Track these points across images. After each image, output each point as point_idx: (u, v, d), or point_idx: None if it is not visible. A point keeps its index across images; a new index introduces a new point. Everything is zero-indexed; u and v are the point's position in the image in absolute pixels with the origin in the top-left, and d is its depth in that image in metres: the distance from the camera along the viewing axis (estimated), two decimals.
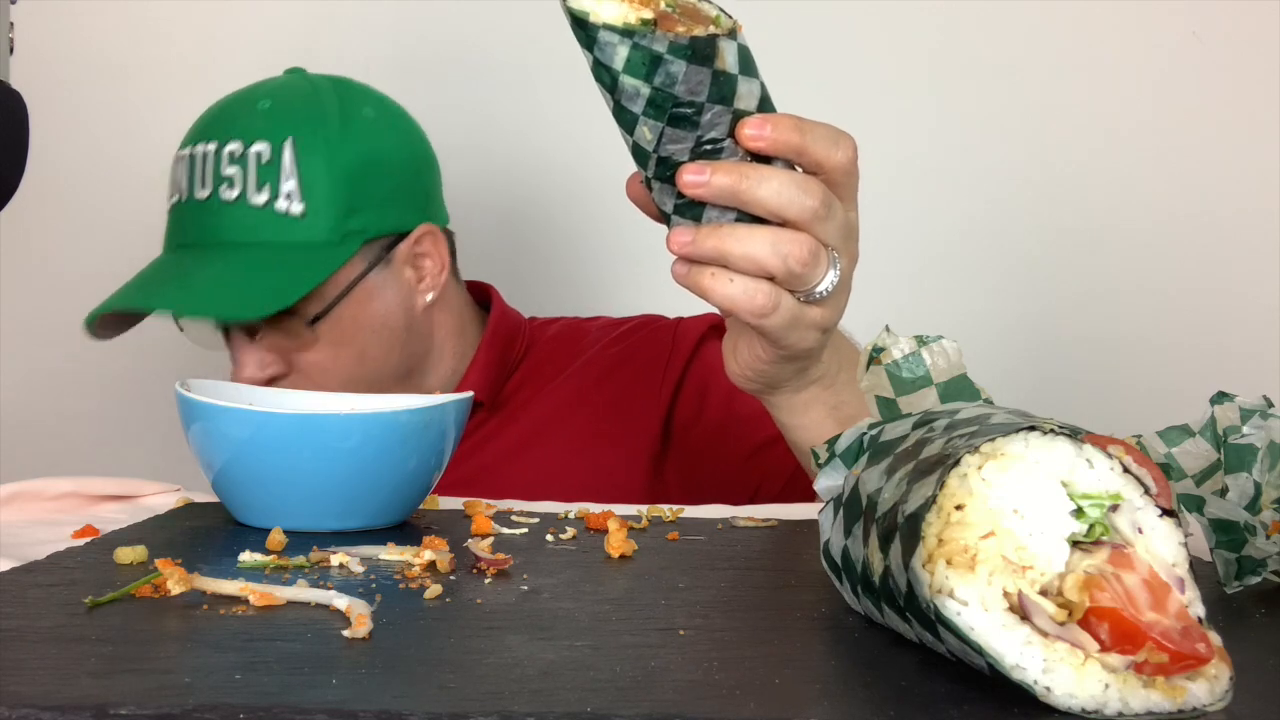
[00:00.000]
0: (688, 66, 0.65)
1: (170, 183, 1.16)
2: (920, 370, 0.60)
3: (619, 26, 0.64)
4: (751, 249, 0.66)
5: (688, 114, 0.66)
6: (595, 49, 0.65)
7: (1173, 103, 1.46)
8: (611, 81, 0.65)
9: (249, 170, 1.11)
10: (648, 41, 0.64)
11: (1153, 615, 0.42)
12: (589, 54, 0.65)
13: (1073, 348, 1.47)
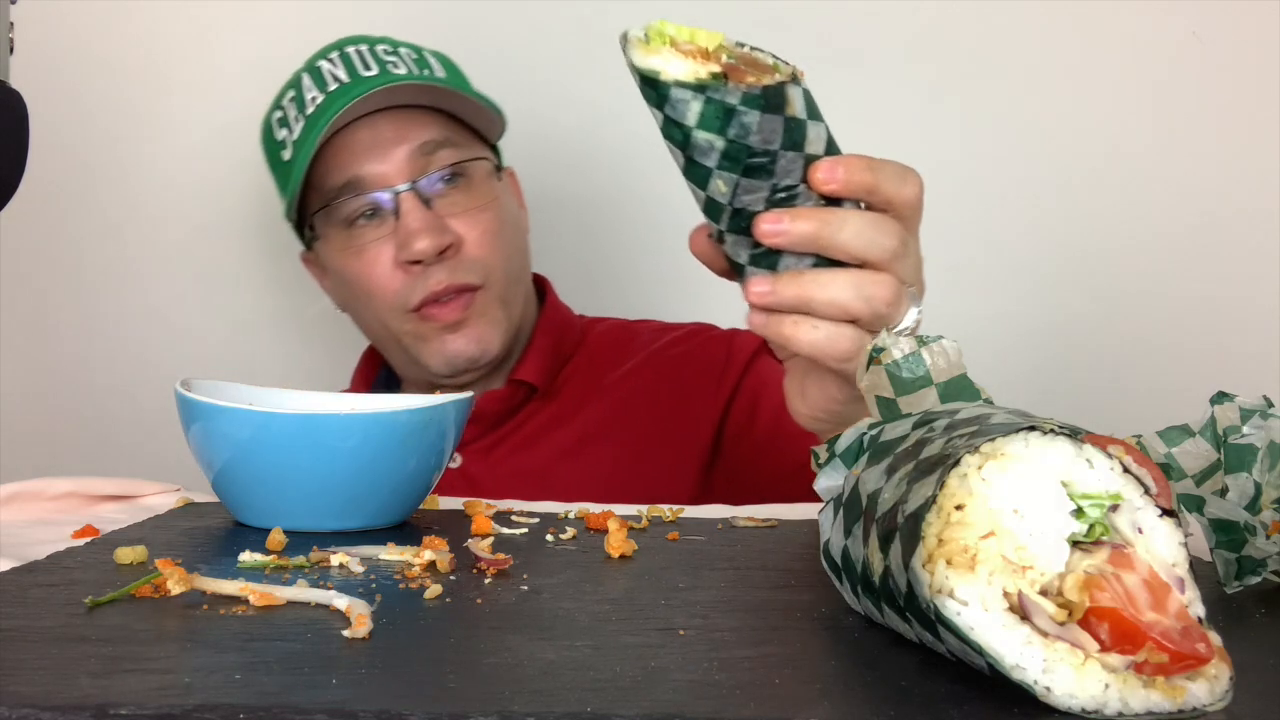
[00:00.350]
0: (761, 116, 0.65)
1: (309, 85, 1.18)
2: (920, 370, 0.60)
3: (690, 83, 0.64)
4: (836, 294, 0.67)
5: (763, 163, 0.66)
6: (667, 107, 0.65)
7: (1172, 103, 1.46)
8: (684, 138, 0.65)
9: (404, 57, 1.18)
10: (720, 95, 0.64)
11: (1153, 615, 0.42)
12: (659, 112, 0.66)
13: (1073, 348, 1.47)
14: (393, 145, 1.13)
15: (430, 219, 1.12)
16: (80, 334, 1.51)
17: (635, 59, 0.65)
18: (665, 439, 1.16)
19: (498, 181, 1.19)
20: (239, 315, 1.51)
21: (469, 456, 1.19)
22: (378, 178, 1.13)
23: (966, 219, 1.48)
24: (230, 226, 1.51)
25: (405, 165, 1.13)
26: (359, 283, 1.15)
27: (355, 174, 1.13)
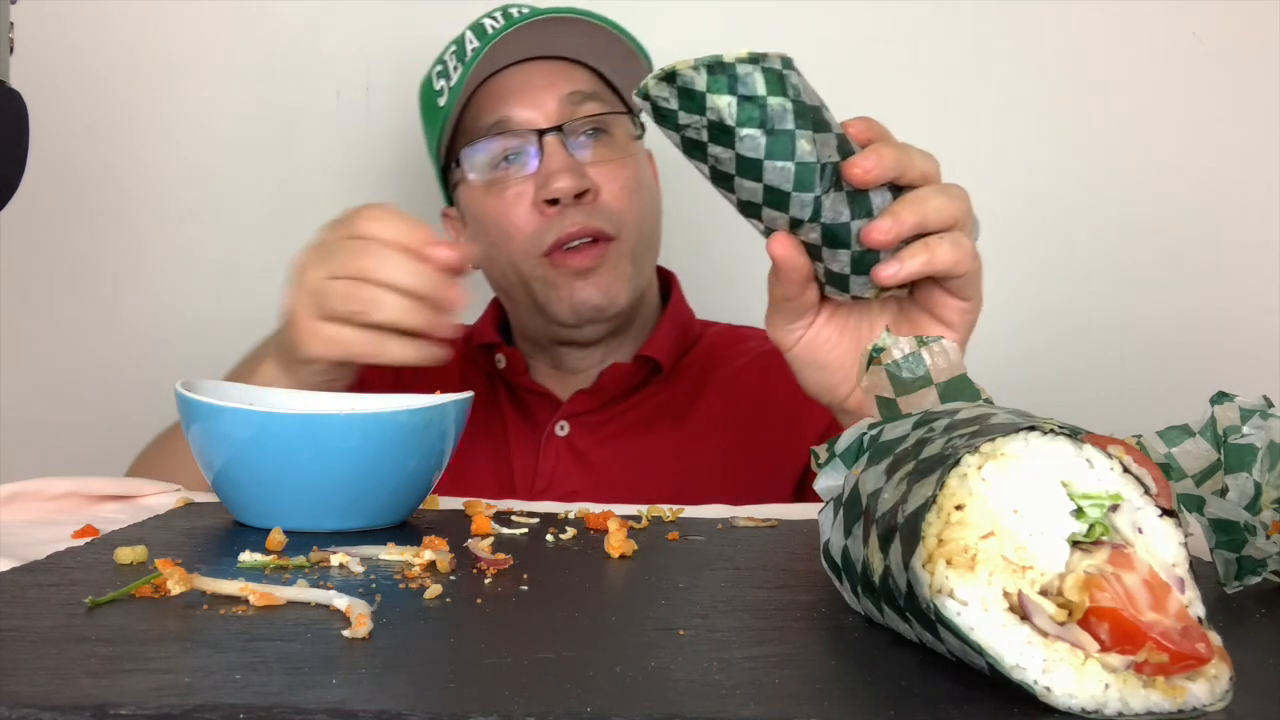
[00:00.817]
0: (797, 74, 0.72)
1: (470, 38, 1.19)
2: (920, 370, 0.60)
3: (745, 57, 0.70)
4: (939, 201, 0.76)
5: (823, 114, 0.73)
6: (740, 87, 0.70)
7: (1172, 104, 1.46)
8: (761, 112, 0.70)
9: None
10: (766, 63, 0.70)
11: (1153, 615, 0.42)
12: (730, 97, 0.70)
13: (1072, 348, 1.47)
14: (542, 91, 1.15)
15: (571, 162, 1.13)
16: (80, 334, 1.51)
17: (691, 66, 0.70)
18: (770, 441, 1.17)
19: (637, 142, 1.20)
20: (240, 315, 1.50)
21: (578, 428, 1.19)
22: (525, 121, 1.15)
23: None
24: (231, 226, 1.51)
25: (553, 111, 1.15)
26: (497, 223, 1.16)
27: (504, 115, 1.15)
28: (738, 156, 0.71)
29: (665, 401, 1.20)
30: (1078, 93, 1.47)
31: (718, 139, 0.71)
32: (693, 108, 0.70)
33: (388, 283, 0.87)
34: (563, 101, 1.15)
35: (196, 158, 1.50)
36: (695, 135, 0.72)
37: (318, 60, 1.50)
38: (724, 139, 0.71)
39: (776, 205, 0.73)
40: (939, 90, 1.48)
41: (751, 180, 0.72)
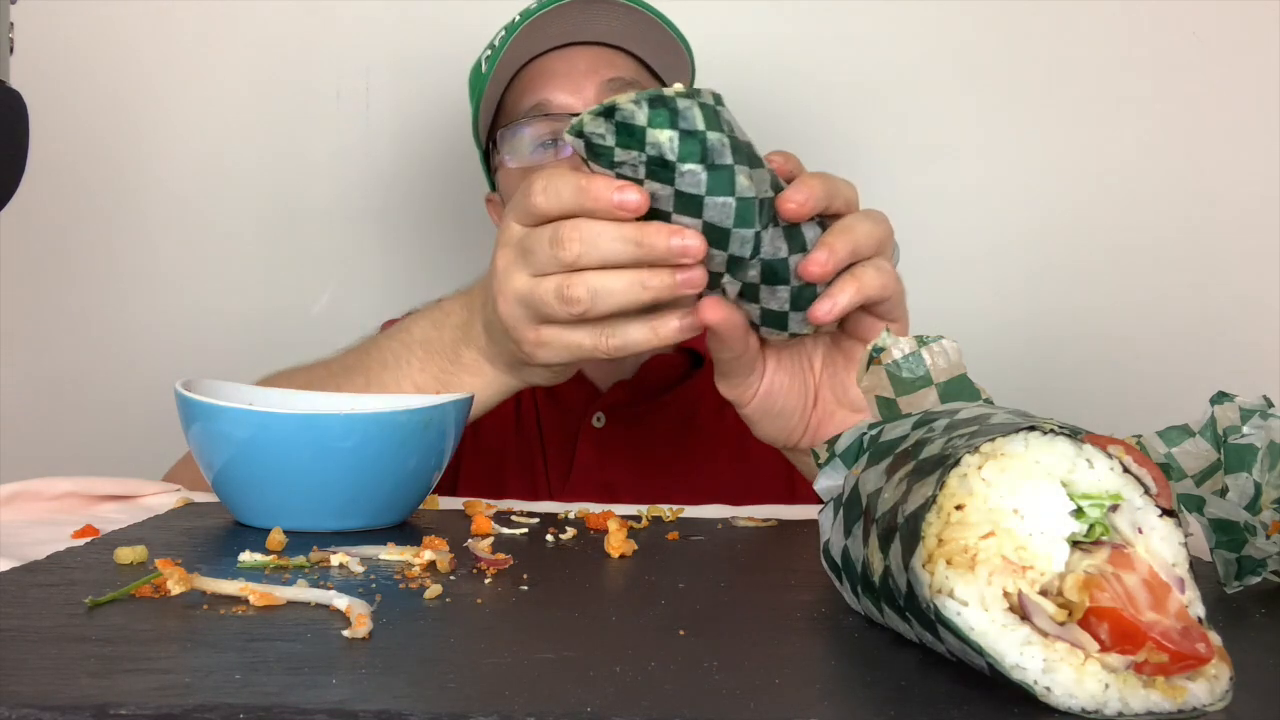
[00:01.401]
0: (726, 110, 0.71)
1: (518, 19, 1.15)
2: (920, 370, 0.60)
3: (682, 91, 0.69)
4: (865, 227, 0.75)
5: (754, 149, 0.71)
6: (680, 121, 0.69)
7: (1172, 103, 1.46)
8: (701, 147, 0.69)
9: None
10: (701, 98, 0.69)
11: (1153, 615, 0.42)
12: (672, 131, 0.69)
13: (1073, 348, 1.47)
14: (584, 77, 1.13)
15: None
16: (80, 334, 1.51)
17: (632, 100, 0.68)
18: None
19: None
20: (239, 315, 1.51)
21: (614, 420, 1.18)
22: (566, 105, 1.13)
23: (964, 218, 1.48)
24: (231, 225, 1.51)
25: (593, 97, 1.12)
26: None
27: (543, 98, 1.13)
28: (677, 193, 0.69)
29: (703, 395, 1.18)
30: (1076, 92, 1.47)
31: (656, 175, 0.69)
32: (631, 143, 0.69)
33: (599, 264, 0.76)
34: (603, 87, 1.13)
35: (196, 157, 1.50)
36: (631, 173, 0.70)
37: (318, 60, 1.50)
38: (663, 175, 0.69)
39: (717, 243, 0.70)
40: (939, 91, 1.48)
41: (690, 217, 0.70)
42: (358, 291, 1.49)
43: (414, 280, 1.44)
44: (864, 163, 1.48)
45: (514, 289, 0.79)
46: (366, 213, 1.51)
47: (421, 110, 1.49)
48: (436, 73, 1.46)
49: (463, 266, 1.38)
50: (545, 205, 0.76)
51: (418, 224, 1.52)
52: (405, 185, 1.51)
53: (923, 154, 1.48)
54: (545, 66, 1.15)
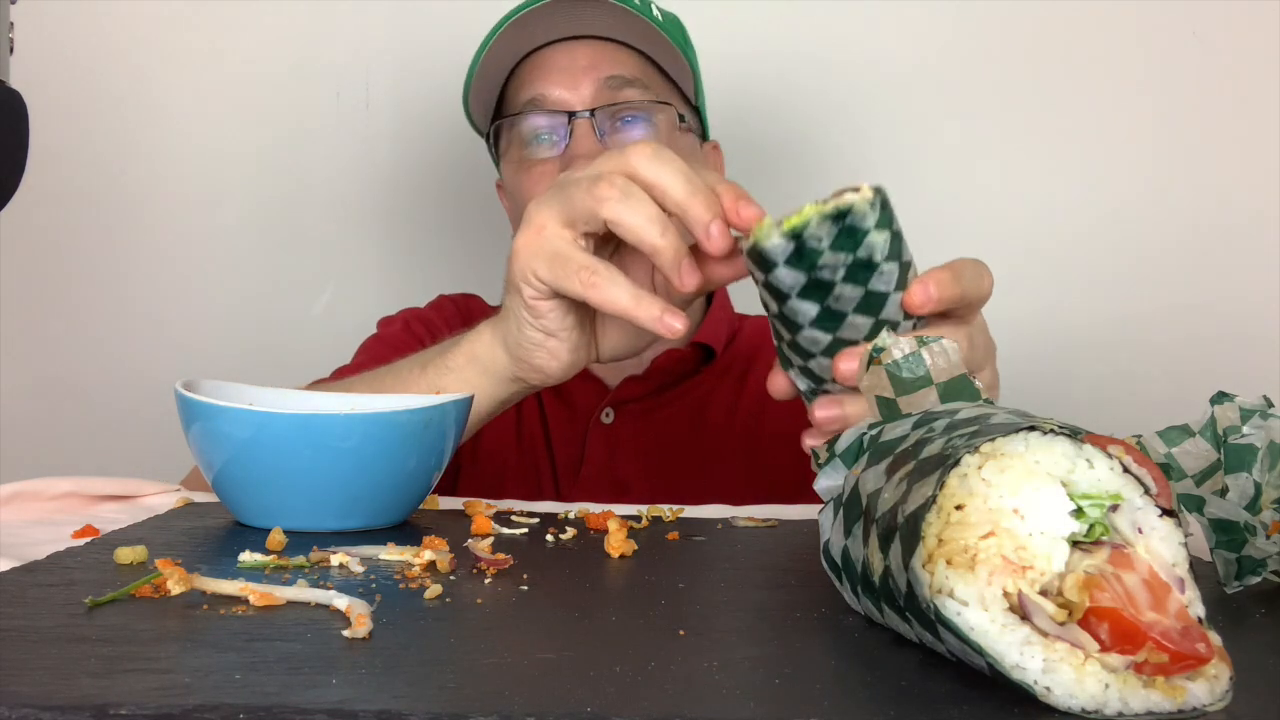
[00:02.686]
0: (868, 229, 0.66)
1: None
2: (920, 370, 0.60)
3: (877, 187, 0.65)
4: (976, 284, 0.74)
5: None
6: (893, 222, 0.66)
7: (1172, 103, 1.46)
8: (900, 244, 0.66)
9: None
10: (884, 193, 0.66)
11: (1153, 615, 0.42)
12: (888, 232, 0.65)
13: (1072, 348, 1.47)
14: (583, 73, 1.12)
15: (597, 149, 1.07)
16: (80, 334, 1.51)
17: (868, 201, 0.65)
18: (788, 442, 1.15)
19: (680, 135, 1.14)
20: (239, 315, 1.51)
21: (624, 416, 1.16)
22: (560, 101, 1.12)
23: (963, 219, 1.48)
24: (231, 225, 1.51)
25: (590, 94, 1.11)
26: (523, 196, 1.12)
27: (540, 92, 1.12)
28: (867, 293, 0.66)
29: (713, 390, 1.17)
30: (1076, 92, 1.47)
31: (854, 277, 0.65)
32: (848, 245, 0.64)
33: (654, 183, 0.74)
34: (601, 85, 1.11)
35: (196, 158, 1.50)
36: (829, 275, 0.65)
37: (318, 61, 1.50)
38: (862, 276, 0.65)
39: (871, 336, 0.67)
40: (937, 91, 1.48)
41: (865, 315, 0.66)
42: (358, 291, 1.49)
43: (414, 280, 1.44)
44: (863, 163, 1.48)
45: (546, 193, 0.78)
46: (366, 213, 1.51)
47: (421, 110, 1.49)
48: (436, 73, 1.46)
49: (463, 266, 1.38)
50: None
51: (418, 224, 1.52)
52: (405, 185, 1.52)
53: (922, 156, 1.48)
54: (546, 59, 1.14)
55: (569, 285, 0.76)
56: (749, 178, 0.77)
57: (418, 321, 1.23)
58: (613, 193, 0.74)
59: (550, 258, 0.76)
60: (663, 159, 0.74)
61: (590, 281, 0.75)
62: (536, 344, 0.81)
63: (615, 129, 1.11)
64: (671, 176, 0.73)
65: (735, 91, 1.40)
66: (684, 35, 1.19)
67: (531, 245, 0.77)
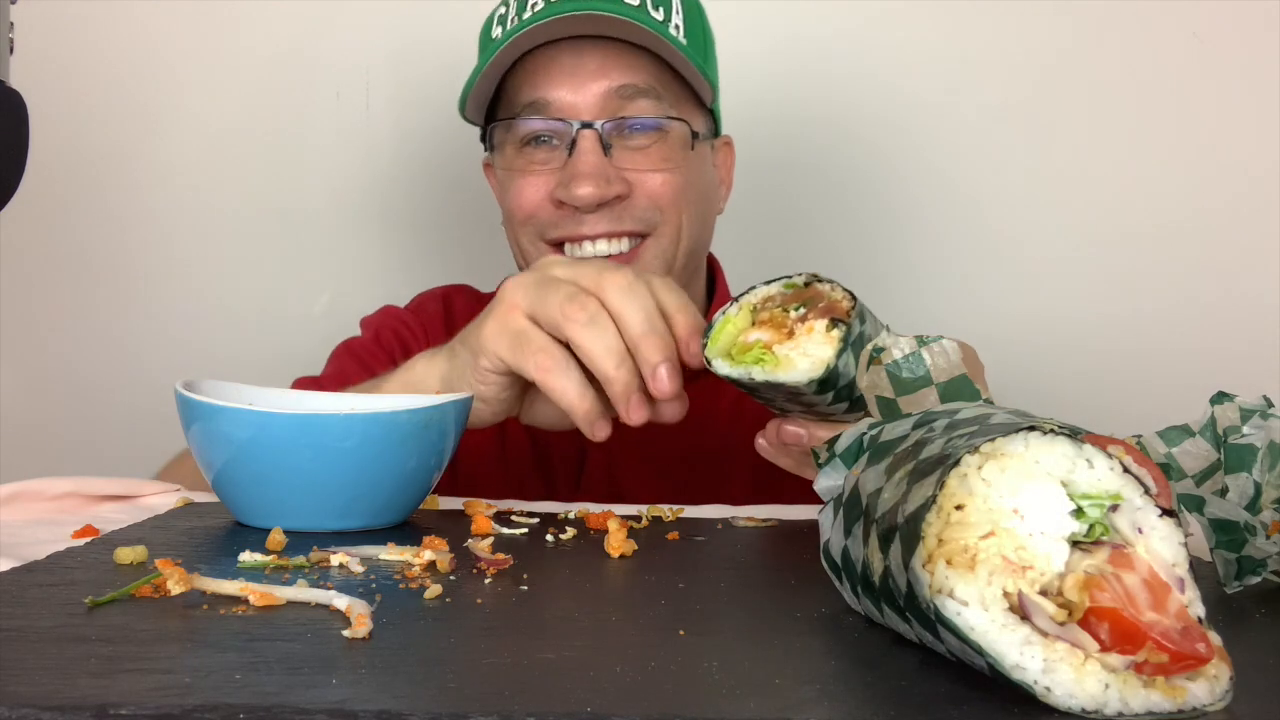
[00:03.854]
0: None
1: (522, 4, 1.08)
2: (920, 370, 0.60)
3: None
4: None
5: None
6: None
7: (1173, 103, 1.46)
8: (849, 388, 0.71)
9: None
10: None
11: (1153, 615, 0.42)
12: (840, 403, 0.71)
13: (1073, 348, 1.47)
14: (591, 78, 1.05)
15: (601, 165, 1.03)
16: (80, 333, 1.51)
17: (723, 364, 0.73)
18: None
19: (690, 150, 1.09)
20: (239, 315, 1.51)
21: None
22: (565, 106, 1.05)
23: (964, 220, 1.48)
24: (231, 225, 1.51)
25: (596, 102, 1.05)
26: (511, 200, 1.08)
27: (544, 96, 1.06)
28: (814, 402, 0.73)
29: (716, 396, 1.12)
30: (1075, 92, 1.47)
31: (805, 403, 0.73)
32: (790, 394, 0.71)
33: (619, 314, 0.79)
34: (610, 94, 1.05)
35: (197, 157, 1.50)
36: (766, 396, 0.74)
37: (318, 60, 1.50)
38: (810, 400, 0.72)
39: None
40: (937, 92, 1.47)
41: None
42: (358, 291, 1.49)
43: (414, 280, 1.44)
44: (863, 164, 1.48)
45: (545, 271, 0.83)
46: (366, 213, 1.51)
47: (421, 110, 1.49)
48: (436, 73, 1.46)
49: (462, 266, 1.38)
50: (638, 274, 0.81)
51: (418, 224, 1.52)
52: (405, 185, 1.52)
53: (921, 156, 1.48)
54: (553, 58, 1.06)
55: (524, 366, 0.81)
56: (760, 174, 0.77)
57: (389, 331, 1.21)
58: (581, 316, 0.79)
59: (513, 338, 0.81)
60: (632, 294, 0.79)
61: (544, 365, 0.80)
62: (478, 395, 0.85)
63: (623, 142, 1.06)
64: (633, 314, 0.79)
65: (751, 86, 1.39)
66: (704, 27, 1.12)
67: (500, 323, 0.82)
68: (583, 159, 1.04)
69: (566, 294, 0.79)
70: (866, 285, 0.77)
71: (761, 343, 0.70)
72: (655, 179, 1.06)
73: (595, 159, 1.04)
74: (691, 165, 1.09)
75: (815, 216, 1.49)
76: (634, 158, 1.06)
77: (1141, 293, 1.46)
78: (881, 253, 1.48)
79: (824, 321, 0.68)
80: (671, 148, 1.07)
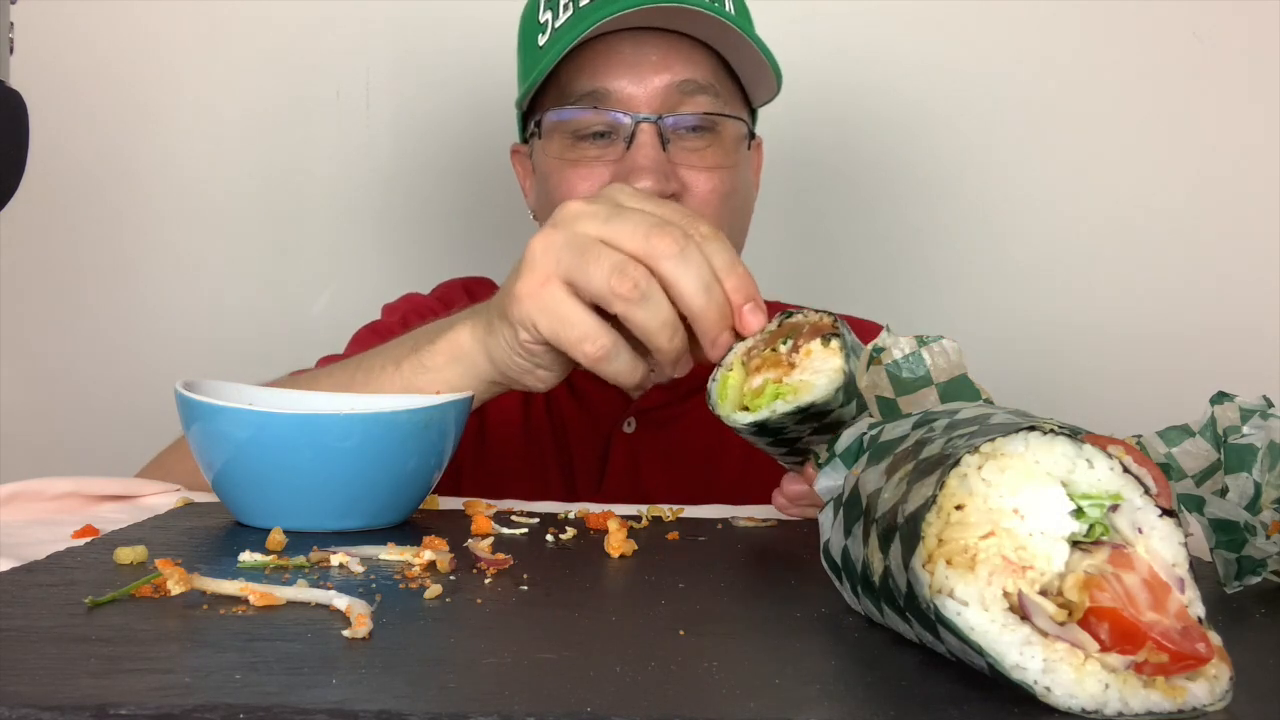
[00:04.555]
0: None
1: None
2: (920, 370, 0.60)
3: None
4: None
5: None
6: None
7: (1172, 102, 1.46)
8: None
9: None
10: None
11: (1153, 615, 0.42)
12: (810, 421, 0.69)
13: (1072, 348, 1.47)
14: (653, 70, 1.03)
15: (661, 160, 1.01)
16: (80, 333, 1.51)
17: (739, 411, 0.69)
18: None
19: (744, 150, 1.08)
20: (239, 315, 1.51)
21: (646, 424, 1.13)
22: (626, 98, 1.03)
23: (964, 219, 1.48)
24: (232, 226, 1.51)
25: (658, 95, 1.02)
26: (560, 194, 1.04)
27: (604, 86, 1.03)
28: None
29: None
30: (1075, 92, 1.47)
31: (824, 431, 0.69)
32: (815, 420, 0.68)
33: (672, 284, 0.73)
34: (672, 88, 1.03)
35: (197, 157, 1.50)
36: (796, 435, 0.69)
37: (318, 60, 1.50)
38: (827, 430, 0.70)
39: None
40: (936, 92, 1.47)
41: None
42: (358, 291, 1.49)
43: (414, 280, 1.44)
44: (862, 164, 1.48)
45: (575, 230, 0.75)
46: (366, 213, 1.51)
47: (421, 110, 1.49)
48: (436, 73, 1.46)
49: (463, 265, 1.38)
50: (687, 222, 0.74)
51: (418, 224, 1.52)
52: (405, 185, 1.52)
53: (920, 157, 1.49)
54: (614, 48, 1.03)
55: (571, 352, 0.76)
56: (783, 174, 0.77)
57: (417, 317, 1.20)
58: (634, 294, 0.72)
59: (552, 317, 0.75)
60: (685, 261, 0.72)
61: (594, 356, 0.75)
62: (525, 370, 0.80)
63: (679, 140, 1.03)
64: (689, 284, 0.72)
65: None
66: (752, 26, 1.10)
67: (535, 298, 0.75)
68: (642, 152, 1.01)
69: (612, 266, 0.72)
70: (868, 286, 0.77)
71: (769, 380, 0.68)
72: (707, 181, 1.03)
73: (655, 153, 1.02)
74: (740, 168, 1.08)
75: (819, 218, 1.49)
76: (689, 156, 1.04)
77: (1142, 292, 1.46)
78: (883, 253, 1.48)
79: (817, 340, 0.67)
80: (725, 149, 1.05)
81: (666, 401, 1.13)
